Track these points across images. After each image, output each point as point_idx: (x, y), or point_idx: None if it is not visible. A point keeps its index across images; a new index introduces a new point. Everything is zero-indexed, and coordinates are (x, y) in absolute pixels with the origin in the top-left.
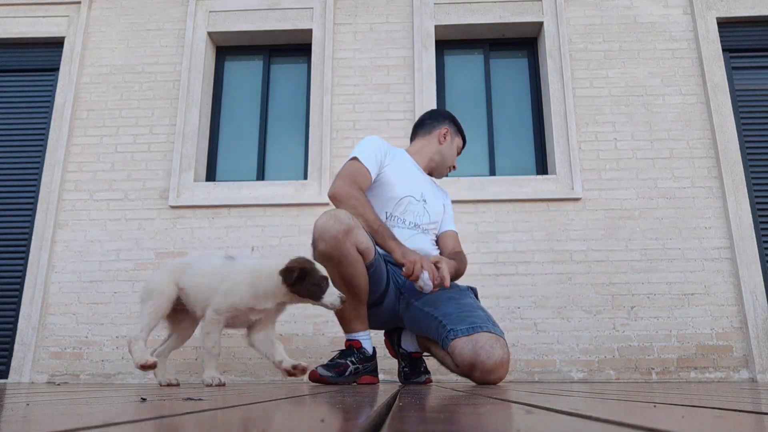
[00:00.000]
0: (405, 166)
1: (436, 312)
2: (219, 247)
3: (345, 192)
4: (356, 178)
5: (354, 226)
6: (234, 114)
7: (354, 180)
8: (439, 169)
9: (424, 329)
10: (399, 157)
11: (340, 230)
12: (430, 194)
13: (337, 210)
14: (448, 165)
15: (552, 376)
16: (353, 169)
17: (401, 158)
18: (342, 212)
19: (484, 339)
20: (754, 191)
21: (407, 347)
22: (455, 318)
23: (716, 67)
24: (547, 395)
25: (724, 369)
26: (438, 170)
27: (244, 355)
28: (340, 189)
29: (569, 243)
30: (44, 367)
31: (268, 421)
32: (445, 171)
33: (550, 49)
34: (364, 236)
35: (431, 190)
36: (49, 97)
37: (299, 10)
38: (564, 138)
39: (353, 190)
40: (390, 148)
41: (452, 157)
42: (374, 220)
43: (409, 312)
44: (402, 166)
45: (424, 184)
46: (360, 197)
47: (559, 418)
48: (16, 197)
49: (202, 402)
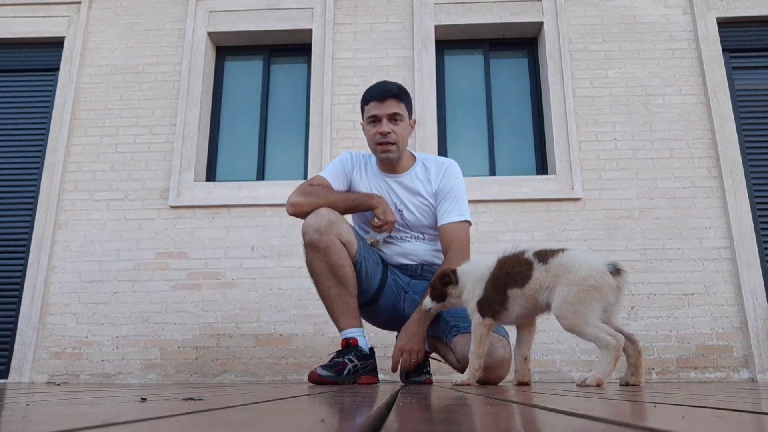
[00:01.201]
0: (372, 182)
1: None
2: (219, 247)
3: (297, 200)
4: (307, 184)
5: (336, 220)
6: (234, 114)
7: (302, 189)
8: (375, 153)
9: (430, 326)
10: (371, 173)
11: (323, 223)
12: (406, 200)
13: (320, 209)
14: (375, 142)
15: (552, 376)
16: (307, 181)
17: (372, 174)
18: (323, 209)
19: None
20: (754, 191)
21: None
22: (461, 316)
23: (716, 67)
24: (547, 395)
25: (724, 369)
26: (377, 154)
27: (244, 355)
28: (293, 199)
29: (569, 243)
30: (44, 367)
31: (268, 421)
32: (378, 150)
33: (550, 49)
34: (347, 230)
35: (405, 195)
36: (49, 97)
37: (299, 10)
38: (564, 138)
39: (304, 191)
40: (361, 164)
41: (371, 134)
42: (342, 199)
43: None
44: (368, 182)
45: (396, 192)
46: (314, 190)
47: (559, 418)
48: (16, 197)
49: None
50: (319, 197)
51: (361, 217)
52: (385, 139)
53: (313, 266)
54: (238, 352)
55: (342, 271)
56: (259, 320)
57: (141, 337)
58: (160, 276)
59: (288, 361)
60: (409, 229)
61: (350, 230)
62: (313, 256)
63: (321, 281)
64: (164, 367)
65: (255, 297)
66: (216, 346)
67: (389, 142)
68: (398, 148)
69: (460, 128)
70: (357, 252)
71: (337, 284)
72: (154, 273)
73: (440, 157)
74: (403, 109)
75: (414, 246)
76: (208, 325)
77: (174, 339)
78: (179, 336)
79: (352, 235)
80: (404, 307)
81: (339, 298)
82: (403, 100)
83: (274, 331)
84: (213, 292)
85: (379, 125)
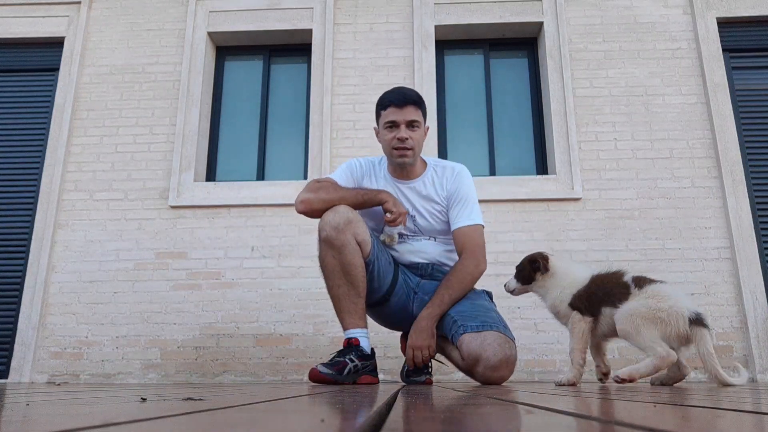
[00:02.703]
0: (384, 188)
1: (450, 309)
2: (219, 247)
3: (307, 196)
4: (314, 181)
5: (354, 219)
6: (234, 114)
7: (311, 186)
8: (391, 158)
9: (437, 325)
10: (382, 179)
11: (341, 221)
12: (419, 206)
13: (338, 206)
14: (391, 147)
15: (552, 376)
16: (314, 180)
17: (383, 180)
18: (342, 207)
19: (493, 337)
20: (754, 191)
21: None
22: (468, 315)
23: (716, 67)
24: (547, 395)
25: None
26: (392, 160)
27: (244, 355)
28: (302, 196)
29: (569, 243)
30: (44, 367)
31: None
32: (395, 156)
33: (550, 49)
34: (363, 229)
35: (418, 201)
36: (49, 97)
37: (299, 10)
38: (564, 138)
39: (312, 188)
40: (371, 171)
41: (387, 139)
42: (352, 194)
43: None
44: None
45: (409, 198)
46: (323, 186)
47: (559, 418)
48: (16, 197)
49: (202, 402)
50: (329, 192)
51: (370, 220)
52: (403, 145)
53: (326, 262)
54: (238, 352)
55: (354, 271)
56: (259, 320)
57: (141, 337)
58: (160, 276)
59: (288, 361)
60: (421, 234)
61: (366, 229)
62: (327, 253)
63: (332, 278)
64: (164, 367)
65: (255, 297)
66: (216, 346)
67: (406, 147)
68: (414, 153)
69: (460, 128)
70: (370, 251)
71: (347, 283)
72: (154, 273)
73: (450, 162)
74: (420, 116)
75: (426, 245)
76: (208, 325)
77: (174, 339)
78: (179, 336)
79: (368, 234)
80: (413, 308)
81: (347, 297)
82: (420, 107)
83: (274, 331)
84: (213, 292)
85: (396, 131)
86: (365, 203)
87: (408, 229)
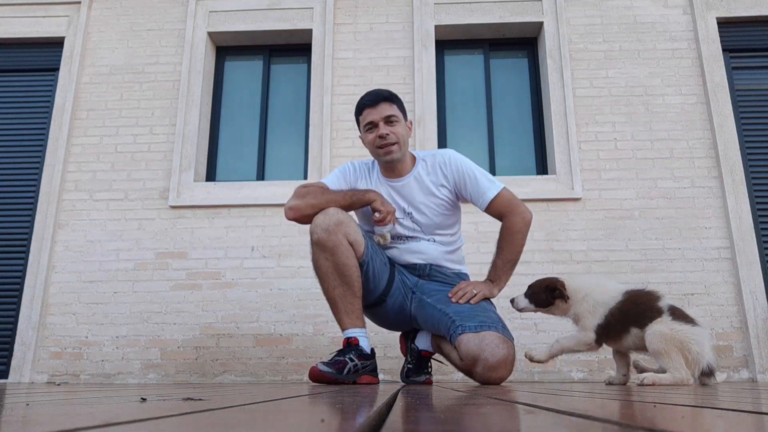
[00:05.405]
0: (378, 190)
1: (449, 309)
2: (219, 247)
3: (295, 203)
4: (301, 187)
5: (344, 220)
6: (234, 114)
7: (298, 192)
8: (378, 157)
9: (435, 326)
10: (376, 181)
11: (331, 222)
12: (416, 202)
13: (328, 208)
14: (375, 147)
15: (552, 376)
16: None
17: (377, 182)
18: (332, 209)
19: (491, 337)
20: (754, 191)
21: (419, 344)
22: (466, 316)
23: (716, 67)
24: (547, 395)
25: (724, 369)
26: (378, 159)
27: (244, 355)
28: (290, 203)
29: (569, 243)
30: (44, 367)
31: (268, 421)
32: (381, 154)
33: (550, 49)
34: (354, 230)
35: (414, 196)
36: (49, 97)
37: (299, 10)
38: (564, 138)
39: (299, 193)
40: (365, 174)
41: (370, 140)
42: (340, 197)
43: (423, 310)
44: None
45: (404, 196)
46: (309, 191)
47: (559, 418)
48: (16, 197)
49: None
50: (317, 197)
51: (366, 224)
52: (385, 141)
53: (319, 265)
54: (238, 352)
55: (348, 271)
56: (259, 320)
57: (141, 337)
58: (160, 276)
59: (288, 361)
60: (421, 231)
61: (358, 230)
62: (319, 255)
63: (326, 280)
64: (164, 367)
65: (255, 297)
66: (216, 346)
67: (389, 143)
68: (400, 147)
69: (460, 128)
70: (364, 252)
71: (342, 284)
72: (154, 273)
73: (435, 150)
74: (396, 111)
75: (425, 246)
76: (208, 325)
77: (174, 339)
78: (179, 336)
79: (360, 235)
80: (411, 308)
81: (343, 298)
82: (394, 101)
83: (274, 331)
84: (213, 292)
85: (376, 130)
86: (354, 204)
87: (407, 228)
